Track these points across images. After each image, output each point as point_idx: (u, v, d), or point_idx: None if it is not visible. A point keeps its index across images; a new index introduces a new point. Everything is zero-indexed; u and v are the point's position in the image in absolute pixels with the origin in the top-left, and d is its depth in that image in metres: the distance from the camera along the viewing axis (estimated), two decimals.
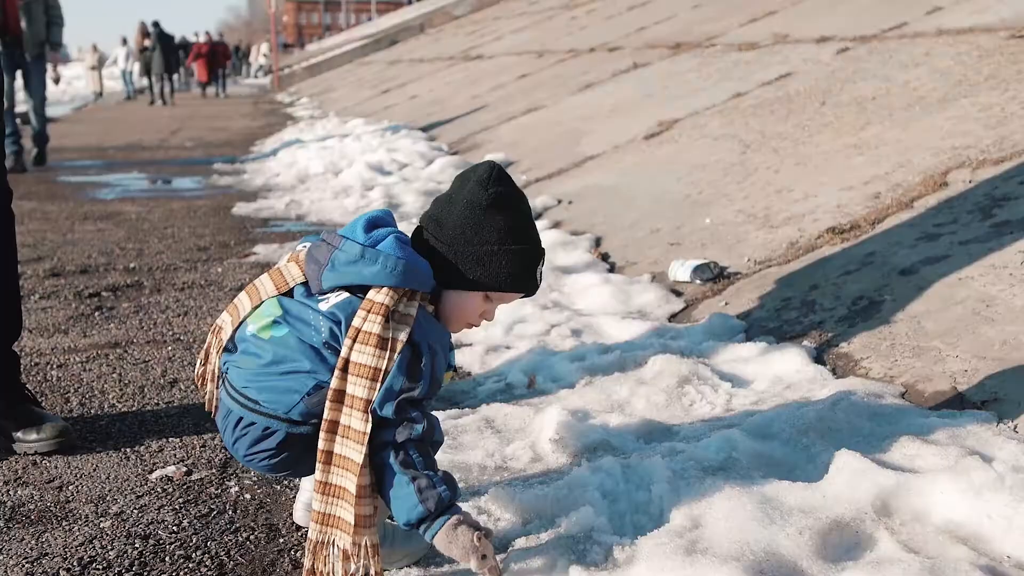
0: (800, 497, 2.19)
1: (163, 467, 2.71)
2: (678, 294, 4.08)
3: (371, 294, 1.94)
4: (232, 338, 2.08)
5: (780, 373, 3.11)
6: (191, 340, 3.88)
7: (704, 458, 2.43)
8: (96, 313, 4.32)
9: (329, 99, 21.01)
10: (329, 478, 1.91)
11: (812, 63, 7.11)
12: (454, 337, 2.13)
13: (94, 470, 2.70)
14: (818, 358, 3.17)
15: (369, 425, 1.88)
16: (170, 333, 3.99)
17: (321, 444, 1.91)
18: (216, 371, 2.10)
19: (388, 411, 1.89)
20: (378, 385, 1.89)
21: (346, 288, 1.99)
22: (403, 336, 1.91)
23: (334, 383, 1.90)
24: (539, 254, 2.08)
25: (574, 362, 3.34)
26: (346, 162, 8.86)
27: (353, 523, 1.88)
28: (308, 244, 2.10)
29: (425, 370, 1.93)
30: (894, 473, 2.23)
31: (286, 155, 10.67)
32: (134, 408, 3.17)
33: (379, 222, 2.05)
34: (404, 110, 13.66)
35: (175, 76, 28.53)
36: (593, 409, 2.92)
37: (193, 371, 3.48)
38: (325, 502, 1.92)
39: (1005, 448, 2.35)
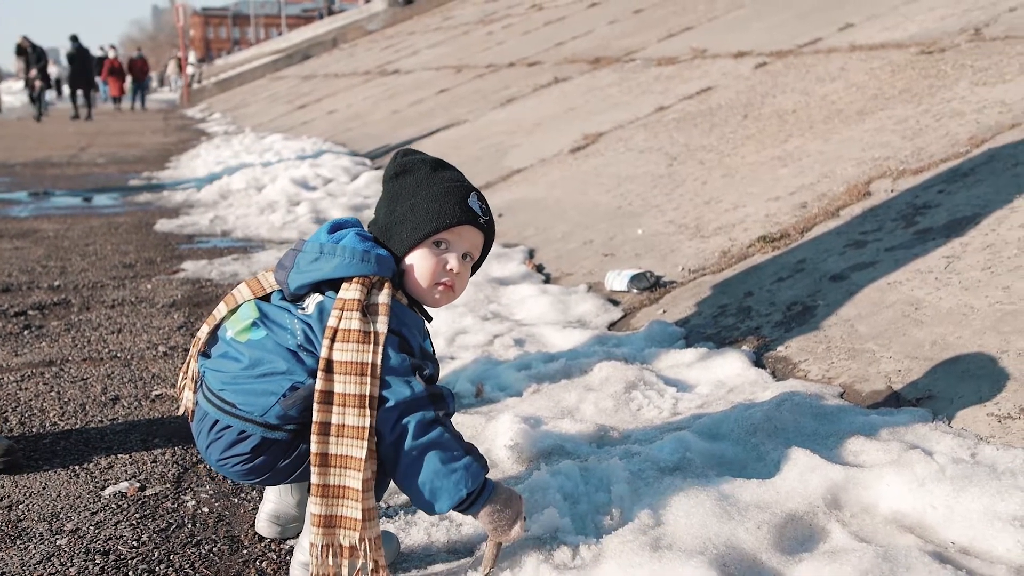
0: (755, 493, 2.27)
1: (115, 483, 2.67)
2: (615, 303, 4.16)
3: (341, 292, 1.96)
4: (211, 342, 2.08)
5: (722, 377, 3.20)
6: (128, 357, 3.83)
7: (660, 459, 2.50)
8: (25, 332, 4.23)
9: (243, 114, 20.81)
10: (329, 480, 1.90)
11: (732, 77, 7.30)
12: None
13: (43, 488, 2.66)
14: (757, 362, 3.27)
15: (368, 420, 1.88)
16: (106, 350, 3.93)
17: (314, 447, 1.90)
18: (195, 376, 2.10)
19: (419, 388, 1.90)
20: (368, 379, 1.88)
21: (316, 289, 2.01)
22: (382, 327, 1.92)
23: (319, 385, 1.90)
24: (463, 188, 2.08)
25: (520, 371, 3.39)
26: (269, 177, 8.80)
27: (361, 519, 1.88)
28: None
29: (417, 349, 1.97)
30: (842, 468, 2.33)
31: (204, 170, 10.56)
32: (77, 426, 3.12)
33: (344, 225, 2.09)
34: (323, 125, 13.61)
35: (90, 91, 27.74)
36: (544, 416, 2.96)
37: (135, 388, 3.47)
38: (326, 504, 1.91)
39: (942, 442, 2.46)
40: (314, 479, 1.91)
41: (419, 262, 2.04)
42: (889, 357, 3.00)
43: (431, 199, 2.04)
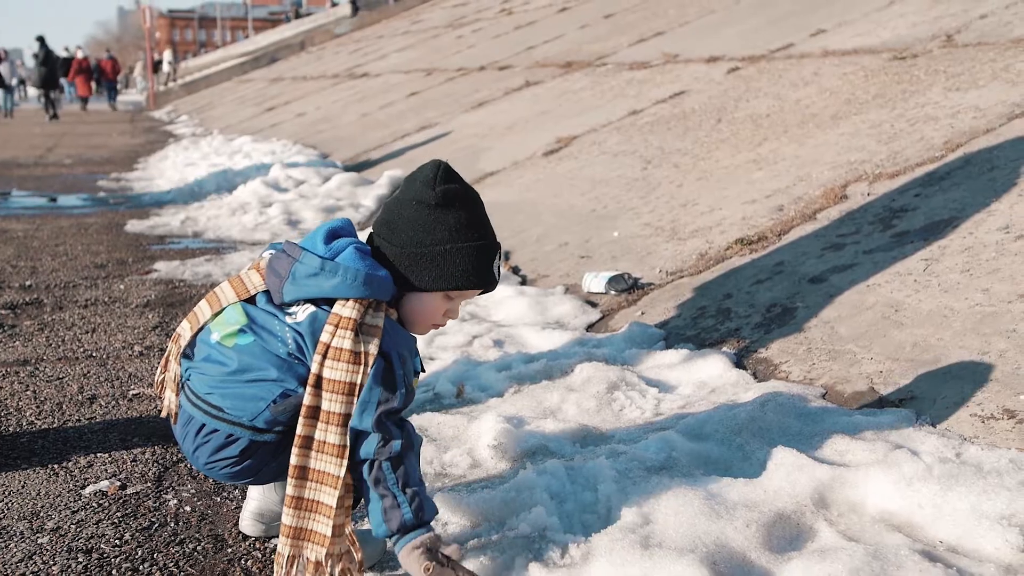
0: (742, 492, 2.27)
1: (95, 482, 2.64)
2: (593, 305, 4.16)
3: (337, 308, 1.92)
4: (192, 344, 2.05)
5: (704, 378, 3.21)
6: (104, 356, 3.78)
7: (645, 458, 2.50)
8: None
9: (210, 117, 20.66)
10: (304, 493, 1.91)
11: (704, 82, 7.34)
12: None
13: (22, 487, 2.61)
14: (738, 363, 3.28)
15: (348, 439, 1.89)
16: (81, 350, 3.87)
17: (294, 460, 1.90)
18: (177, 378, 2.07)
19: (367, 422, 1.89)
20: (355, 400, 1.89)
21: (310, 300, 1.98)
22: (373, 348, 1.91)
23: (307, 400, 1.90)
24: (495, 248, 2.08)
25: (501, 371, 3.38)
26: (240, 179, 8.73)
27: (330, 534, 1.89)
28: (271, 252, 2.08)
29: (399, 379, 1.93)
30: (828, 468, 2.34)
31: (174, 171, 10.47)
32: (55, 425, 3.08)
33: (339, 232, 2.05)
34: (292, 128, 13.53)
35: (55, 91, 27.43)
36: (527, 416, 2.96)
37: (111, 387, 3.43)
38: (298, 516, 1.91)
39: (927, 442, 2.48)
40: (289, 491, 1.91)
41: (426, 305, 2.05)
42: (870, 359, 3.02)
43: (465, 256, 2.01)
